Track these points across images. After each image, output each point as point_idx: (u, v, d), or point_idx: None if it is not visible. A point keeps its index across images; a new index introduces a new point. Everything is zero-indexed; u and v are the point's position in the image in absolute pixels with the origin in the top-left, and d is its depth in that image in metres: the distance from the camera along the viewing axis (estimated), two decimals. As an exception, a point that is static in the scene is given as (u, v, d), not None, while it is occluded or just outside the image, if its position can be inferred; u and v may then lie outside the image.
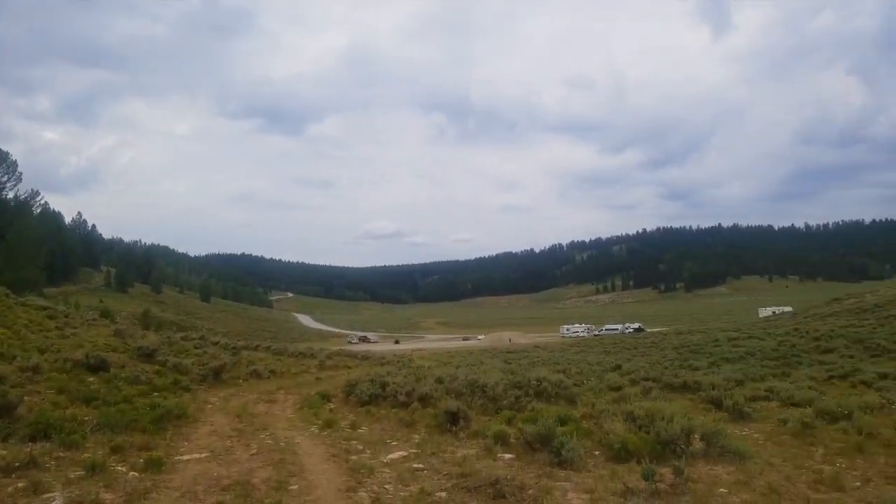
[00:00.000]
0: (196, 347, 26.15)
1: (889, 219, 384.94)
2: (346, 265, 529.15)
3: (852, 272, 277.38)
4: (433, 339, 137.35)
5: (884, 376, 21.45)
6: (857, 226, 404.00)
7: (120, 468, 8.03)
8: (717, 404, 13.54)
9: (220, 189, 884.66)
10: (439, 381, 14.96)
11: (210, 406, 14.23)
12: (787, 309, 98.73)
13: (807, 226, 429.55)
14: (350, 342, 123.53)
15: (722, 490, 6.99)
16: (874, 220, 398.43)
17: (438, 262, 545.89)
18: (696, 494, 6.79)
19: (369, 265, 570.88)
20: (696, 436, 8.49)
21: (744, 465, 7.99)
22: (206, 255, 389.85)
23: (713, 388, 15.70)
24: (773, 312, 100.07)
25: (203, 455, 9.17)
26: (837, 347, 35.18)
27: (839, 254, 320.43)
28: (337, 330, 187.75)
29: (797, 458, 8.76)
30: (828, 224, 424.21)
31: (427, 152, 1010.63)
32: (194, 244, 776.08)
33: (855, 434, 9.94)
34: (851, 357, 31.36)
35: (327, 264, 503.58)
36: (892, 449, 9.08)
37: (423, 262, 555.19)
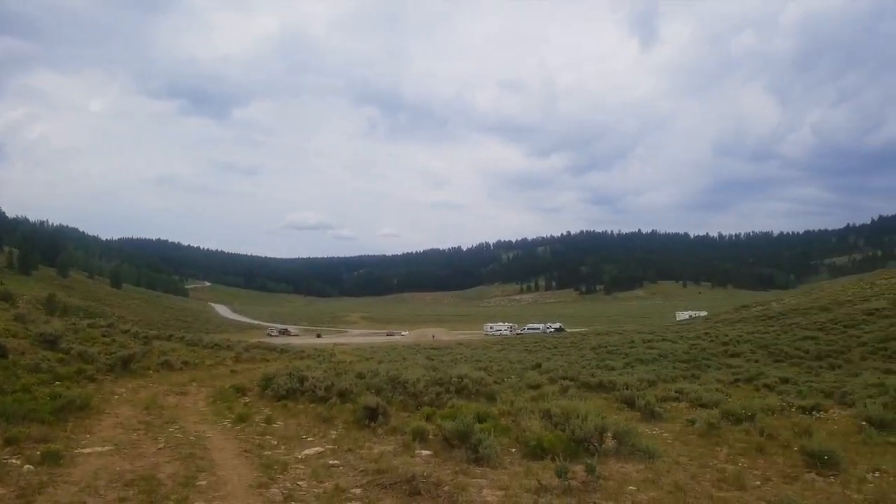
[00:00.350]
0: (104, 335, 25.09)
1: (794, 232, 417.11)
2: (268, 255, 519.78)
3: (760, 281, 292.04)
4: (356, 334, 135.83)
5: (785, 380, 22.85)
6: (766, 237, 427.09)
7: (14, 461, 7.68)
8: (630, 404, 13.84)
9: (136, 171, 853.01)
10: (360, 376, 14.81)
11: (116, 397, 13.68)
12: (703, 313, 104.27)
13: (720, 235, 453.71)
14: (269, 335, 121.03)
15: (631, 488, 7.17)
16: (782, 233, 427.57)
17: (364, 257, 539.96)
18: (606, 491, 6.95)
19: (293, 256, 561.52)
20: (609, 434, 8.69)
21: (653, 464, 8.18)
22: (119, 240, 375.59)
23: (627, 388, 16.53)
24: (690, 316, 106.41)
25: (106, 448, 8.83)
26: (744, 352, 37.19)
27: (749, 263, 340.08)
28: (256, 322, 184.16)
29: (703, 458, 9.03)
30: (739, 234, 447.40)
31: (357, 145, 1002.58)
32: (107, 227, 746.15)
33: (757, 435, 10.33)
34: (756, 361, 33.43)
35: (249, 254, 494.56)
36: (789, 450, 9.44)
37: (348, 255, 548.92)
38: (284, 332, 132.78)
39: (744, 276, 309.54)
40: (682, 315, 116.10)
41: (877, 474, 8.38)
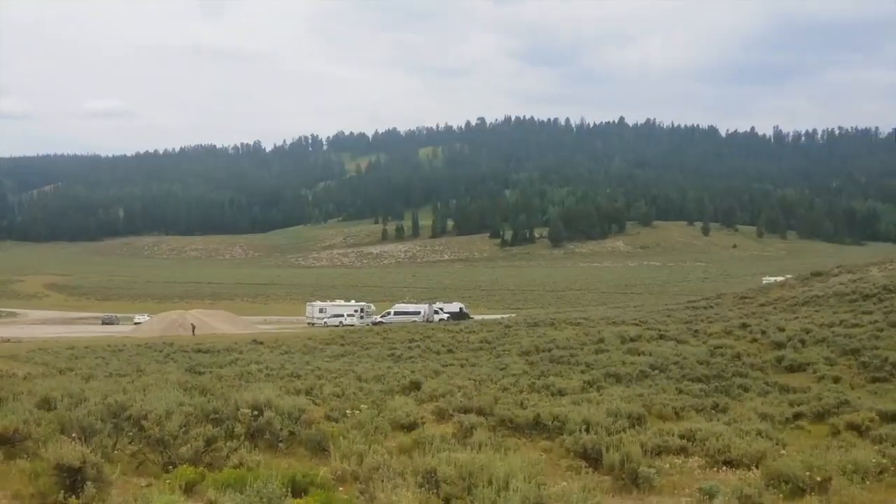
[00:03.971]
0: None
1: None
2: None
3: (850, 226, 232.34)
4: (37, 321, 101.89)
5: (891, 418, 16.63)
6: (864, 140, 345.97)
7: None
8: (594, 459, 10.71)
9: None
10: (45, 403, 11.53)
11: None
12: (785, 277, 74.21)
13: (777, 132, 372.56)
14: None
15: None
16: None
17: (53, 158, 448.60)
18: None
19: None
20: None
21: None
22: None
23: (587, 430, 12.04)
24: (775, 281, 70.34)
25: None
26: (814, 362, 28.77)
27: (828, 191, 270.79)
28: None
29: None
30: (815, 133, 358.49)
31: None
32: None
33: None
34: (836, 380, 25.97)
35: None
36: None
37: (17, 155, 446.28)
38: None
39: (816, 215, 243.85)
40: (769, 280, 77.12)
41: None
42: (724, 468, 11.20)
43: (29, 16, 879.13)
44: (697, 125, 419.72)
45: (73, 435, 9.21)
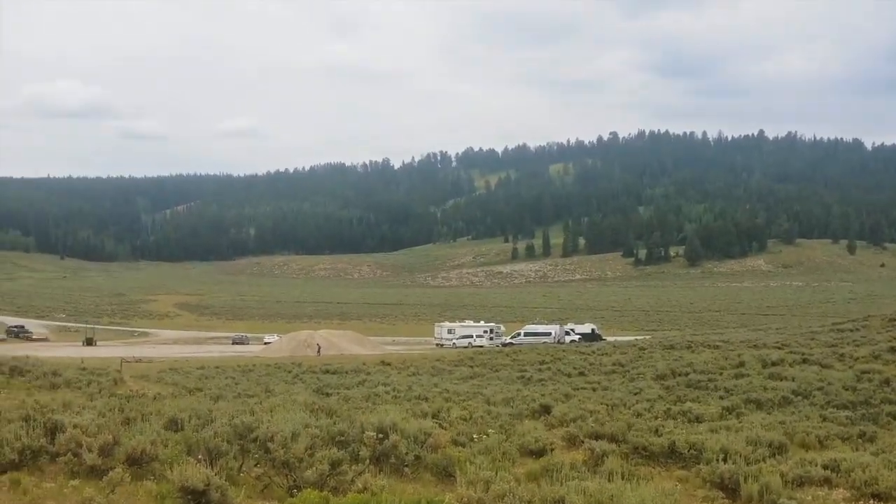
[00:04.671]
0: None
1: None
2: None
3: None
4: (169, 341, 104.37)
5: None
6: None
7: None
8: (731, 490, 10.59)
9: None
10: (173, 424, 11.52)
11: None
12: None
13: None
14: None
15: None
16: None
17: (187, 178, 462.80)
18: None
19: (37, 175, 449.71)
20: None
21: None
22: None
23: (725, 459, 12.09)
24: None
25: None
26: None
27: None
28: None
29: None
30: None
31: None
32: None
33: None
34: None
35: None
36: None
37: (152, 174, 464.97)
38: (18, 335, 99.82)
39: None
40: None
41: None
42: (872, 501, 10.53)
43: (169, 40, 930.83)
44: (841, 138, 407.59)
45: (200, 456, 9.41)
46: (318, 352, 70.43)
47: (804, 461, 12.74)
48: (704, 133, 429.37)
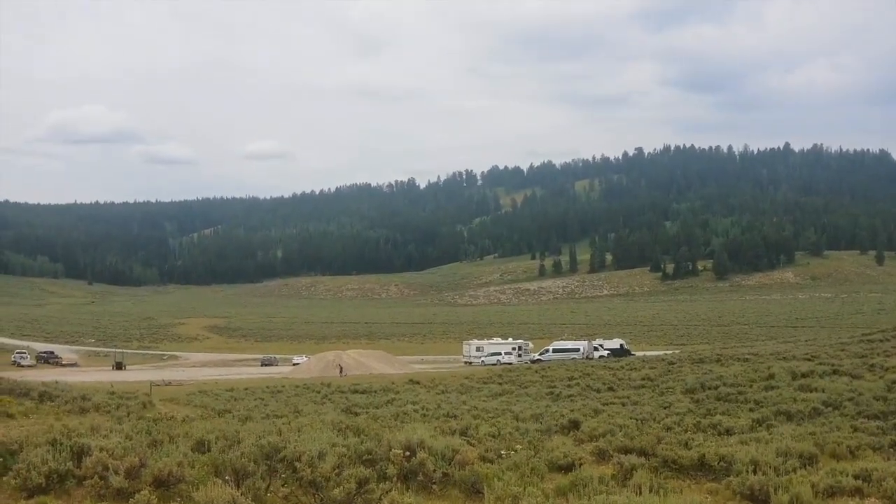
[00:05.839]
0: None
1: None
2: (10, 199, 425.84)
3: None
4: (197, 363, 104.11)
5: None
6: None
7: None
8: (762, 501, 10.60)
9: None
10: (201, 446, 11.41)
11: None
12: None
13: None
14: (17, 363, 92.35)
15: None
16: None
17: (213, 201, 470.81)
18: None
19: (64, 201, 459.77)
20: None
21: None
22: None
23: (755, 471, 12.07)
24: None
25: None
26: None
27: None
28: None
29: None
30: None
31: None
32: None
33: None
34: None
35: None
36: None
37: (179, 198, 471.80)
38: (48, 360, 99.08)
39: None
40: None
41: None
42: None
43: (193, 63, 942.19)
44: (868, 150, 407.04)
45: (227, 477, 9.43)
46: (341, 372, 70.45)
47: (835, 471, 12.71)
48: (730, 147, 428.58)
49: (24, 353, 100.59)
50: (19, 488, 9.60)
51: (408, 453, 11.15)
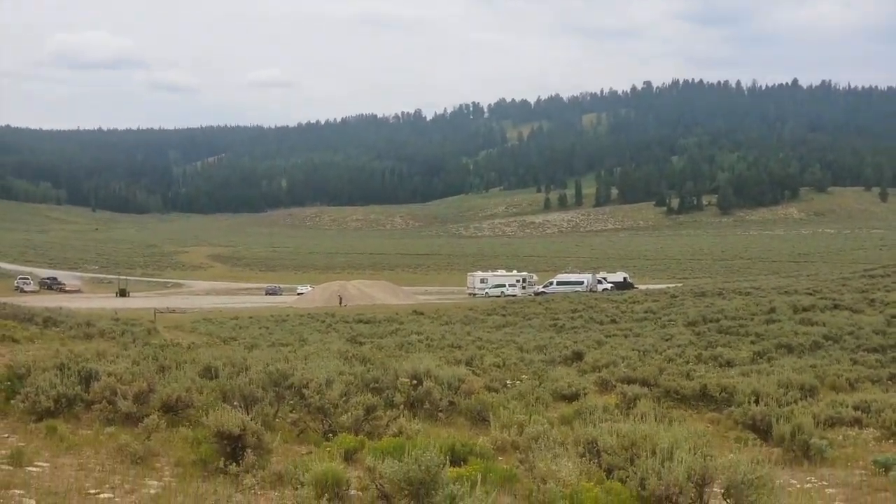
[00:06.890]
0: None
1: None
2: (12, 124, 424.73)
3: None
4: (201, 292, 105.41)
5: None
6: None
7: None
8: (763, 431, 11.00)
9: None
10: (208, 372, 11.72)
11: None
12: None
13: None
14: (20, 289, 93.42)
15: None
16: None
17: (217, 129, 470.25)
18: None
19: (67, 127, 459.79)
20: (717, 489, 6.51)
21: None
22: None
23: (756, 402, 12.22)
24: None
25: None
26: None
27: None
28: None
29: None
30: None
31: None
32: None
33: None
34: None
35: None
36: None
37: (182, 126, 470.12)
38: (51, 286, 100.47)
39: None
40: None
41: None
42: (901, 440, 11.25)
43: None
44: (876, 86, 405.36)
45: (235, 403, 9.67)
46: (341, 302, 72.00)
47: (835, 403, 13.45)
48: (738, 82, 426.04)
49: (28, 279, 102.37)
50: (28, 412, 9.72)
51: (415, 382, 11.62)
